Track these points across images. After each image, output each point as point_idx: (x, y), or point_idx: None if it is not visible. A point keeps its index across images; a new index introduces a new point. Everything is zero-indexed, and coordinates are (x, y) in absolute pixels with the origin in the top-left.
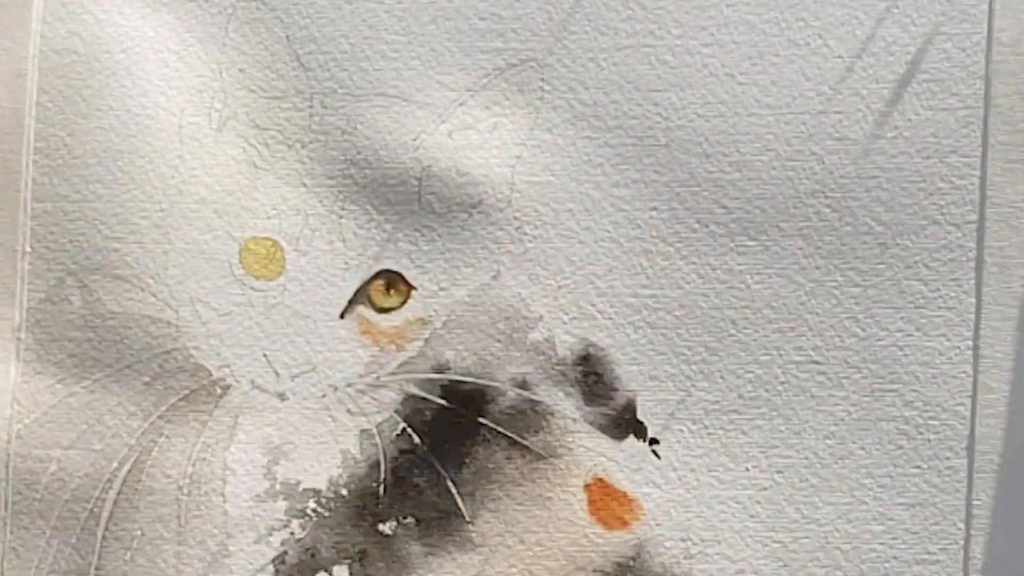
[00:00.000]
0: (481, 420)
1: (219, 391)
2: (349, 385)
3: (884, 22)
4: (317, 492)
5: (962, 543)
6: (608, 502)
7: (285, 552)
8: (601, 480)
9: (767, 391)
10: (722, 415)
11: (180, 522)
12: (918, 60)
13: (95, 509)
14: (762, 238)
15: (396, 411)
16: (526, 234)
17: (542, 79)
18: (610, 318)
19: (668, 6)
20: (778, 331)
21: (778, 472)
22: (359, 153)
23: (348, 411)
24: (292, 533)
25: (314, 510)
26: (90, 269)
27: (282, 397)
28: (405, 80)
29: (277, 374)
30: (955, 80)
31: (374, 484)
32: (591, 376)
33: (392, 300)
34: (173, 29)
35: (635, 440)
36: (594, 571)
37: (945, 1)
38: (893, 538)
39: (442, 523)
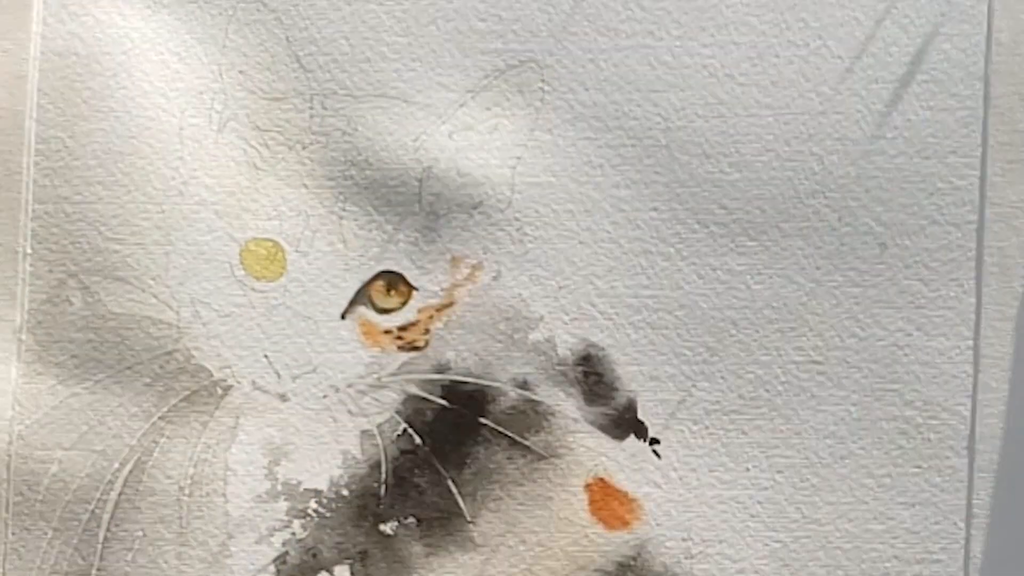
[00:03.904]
0: (482, 420)
1: (220, 392)
2: (350, 386)
3: (883, 23)
4: (318, 492)
5: (962, 542)
6: (609, 502)
7: (286, 552)
8: (602, 480)
9: (767, 391)
10: (722, 415)
11: (181, 523)
12: (917, 61)
13: (96, 510)
14: (762, 238)
15: (397, 412)
16: (527, 235)
17: (542, 80)
18: (611, 318)
19: (668, 7)
20: (778, 331)
21: (778, 472)
22: (360, 154)
23: (349, 412)
24: (293, 533)
25: (315, 510)
26: (91, 270)
27: (283, 398)
28: (405, 81)
29: (278, 375)
30: (954, 81)
31: (375, 484)
32: (592, 376)
33: (393, 301)
34: (173, 31)
35: (636, 440)
36: (595, 571)
37: (944, 2)
38: (894, 537)
39: (443, 523)
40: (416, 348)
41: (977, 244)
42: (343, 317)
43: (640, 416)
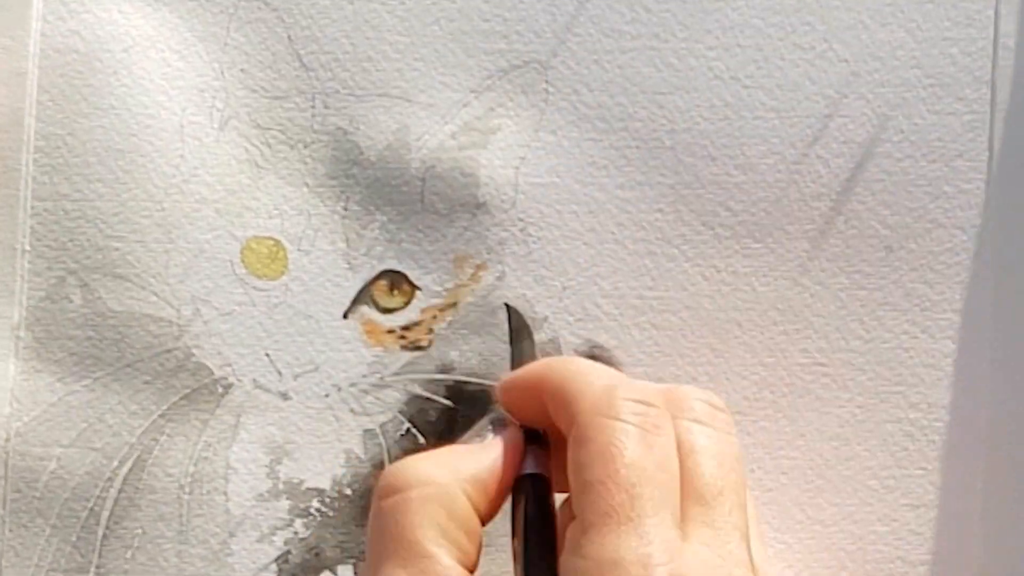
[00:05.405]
0: None
1: (221, 390)
2: (352, 385)
3: (889, 26)
4: (321, 491)
5: (967, 544)
6: None
7: (288, 551)
8: None
9: (772, 392)
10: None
11: (182, 521)
12: (923, 64)
13: (95, 507)
14: (767, 240)
15: (400, 411)
16: (531, 235)
17: (546, 81)
18: (615, 319)
19: (673, 9)
20: (783, 333)
21: (783, 473)
22: (362, 153)
23: (351, 411)
24: (295, 532)
25: (318, 509)
26: (91, 268)
27: (285, 396)
28: (408, 81)
29: (280, 373)
30: (960, 84)
31: None
32: None
33: (396, 300)
34: (174, 28)
35: None
36: None
37: (950, 6)
38: (898, 539)
39: None
40: (419, 348)
41: (982, 248)
42: (345, 316)
43: None
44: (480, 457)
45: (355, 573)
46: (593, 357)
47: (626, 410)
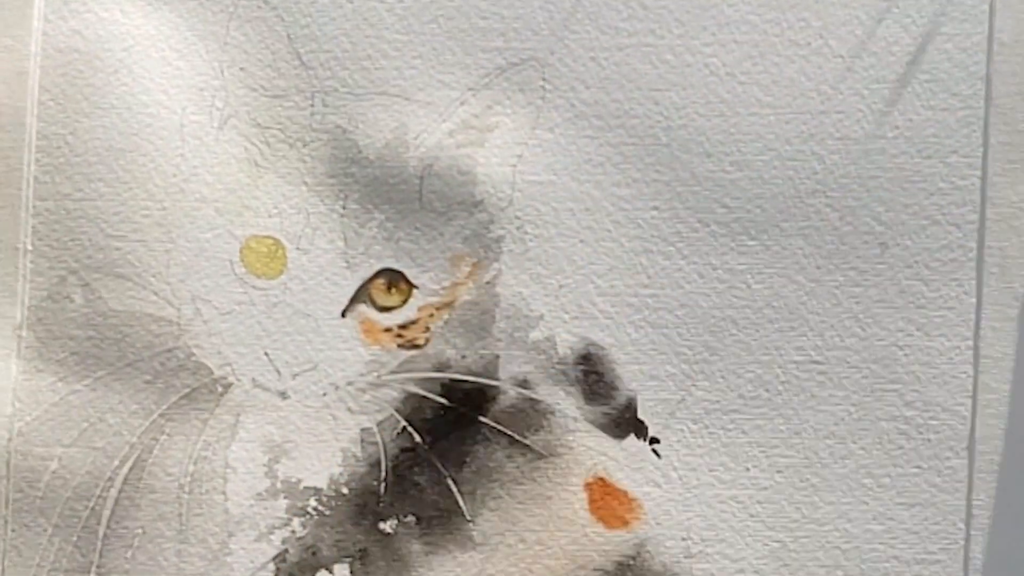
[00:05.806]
0: (482, 419)
1: (220, 389)
2: (350, 384)
3: (885, 22)
4: (318, 490)
5: (962, 543)
6: (609, 501)
7: (286, 550)
8: (601, 479)
9: (767, 390)
10: (722, 414)
11: (181, 520)
12: (918, 60)
13: (96, 507)
14: (763, 237)
15: (397, 410)
16: (527, 233)
17: (543, 78)
18: (611, 317)
19: (669, 5)
20: (778, 331)
21: (778, 471)
22: (360, 152)
23: (349, 409)
24: (293, 531)
25: (315, 508)
26: (92, 267)
27: (283, 395)
28: (406, 79)
29: (278, 372)
30: (955, 80)
31: (375, 483)
32: (592, 375)
33: (393, 299)
34: (175, 27)
35: (636, 439)
36: (594, 570)
37: (945, 1)
38: (893, 538)
39: (443, 522)
40: (416, 346)
41: (978, 244)
42: (343, 315)
43: (640, 415)
44: None
45: (351, 572)
46: (587, 356)
47: None
